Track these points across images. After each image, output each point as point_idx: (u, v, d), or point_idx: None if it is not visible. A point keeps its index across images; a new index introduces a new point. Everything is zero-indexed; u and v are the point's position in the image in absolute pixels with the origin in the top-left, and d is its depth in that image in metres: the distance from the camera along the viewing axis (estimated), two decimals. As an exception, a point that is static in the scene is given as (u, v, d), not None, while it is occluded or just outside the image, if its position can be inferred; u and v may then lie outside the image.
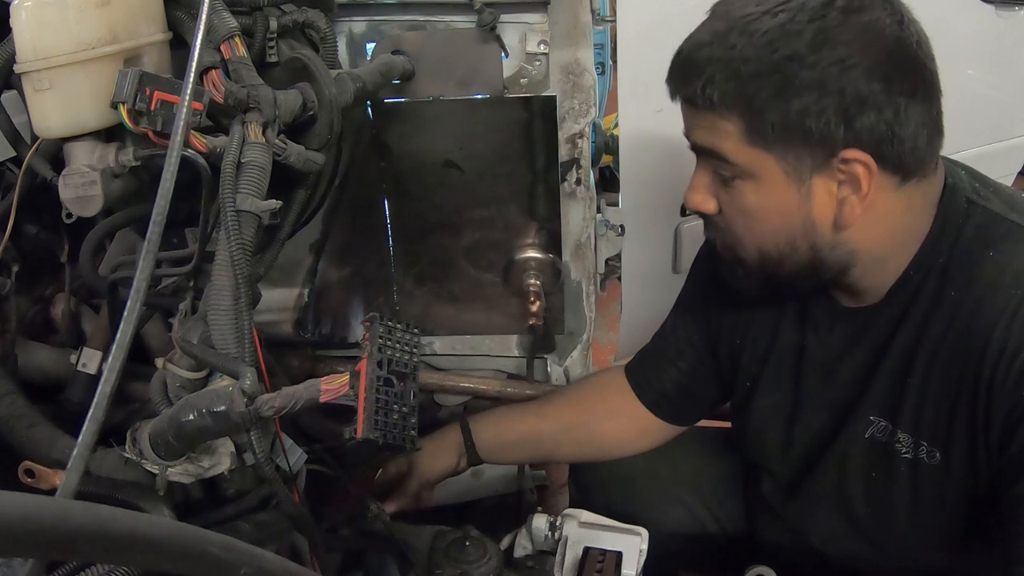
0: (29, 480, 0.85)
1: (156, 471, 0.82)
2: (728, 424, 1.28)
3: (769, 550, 1.16)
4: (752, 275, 0.96)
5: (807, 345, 1.04)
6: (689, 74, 0.87)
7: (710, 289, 1.14)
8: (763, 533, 1.18)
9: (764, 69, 0.82)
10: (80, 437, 0.68)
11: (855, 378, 0.99)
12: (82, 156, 0.87)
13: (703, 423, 1.49)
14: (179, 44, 0.94)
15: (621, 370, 1.27)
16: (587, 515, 0.99)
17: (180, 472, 0.83)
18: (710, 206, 0.94)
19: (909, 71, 0.83)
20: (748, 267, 0.96)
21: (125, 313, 0.72)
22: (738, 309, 1.11)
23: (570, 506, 1.02)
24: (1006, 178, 2.08)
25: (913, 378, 0.92)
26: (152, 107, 0.82)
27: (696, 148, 0.92)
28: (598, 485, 1.34)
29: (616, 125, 1.48)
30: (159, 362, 0.90)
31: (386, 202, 1.46)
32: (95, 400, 0.69)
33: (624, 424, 1.25)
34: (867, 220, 0.88)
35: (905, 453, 0.94)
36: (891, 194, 0.88)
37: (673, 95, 0.91)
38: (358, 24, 1.31)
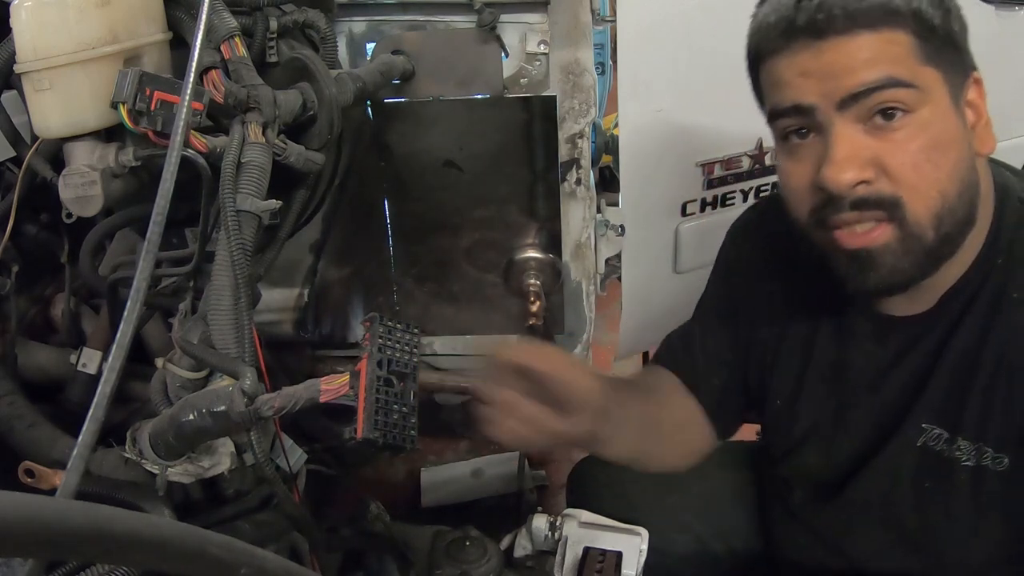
0: (29, 480, 0.85)
1: (156, 471, 0.83)
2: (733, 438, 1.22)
3: (790, 568, 1.11)
4: (928, 250, 0.81)
5: (849, 359, 0.97)
6: None
7: (740, 299, 1.07)
8: (785, 550, 1.12)
9: None
10: (80, 437, 0.68)
11: (905, 387, 0.93)
12: (82, 156, 0.87)
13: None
14: (179, 44, 0.94)
15: (672, 375, 1.10)
16: (587, 515, 0.99)
17: (180, 472, 0.83)
18: (869, 172, 0.79)
19: None
20: (925, 237, 0.80)
21: (125, 313, 0.72)
22: (770, 325, 1.03)
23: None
24: (1006, 178, 2.07)
25: (977, 383, 0.87)
26: (152, 107, 0.82)
27: (850, 97, 0.77)
28: (598, 509, 1.27)
29: (616, 125, 1.48)
30: (159, 362, 0.90)
31: (386, 202, 1.46)
32: (95, 400, 0.69)
33: (693, 435, 1.10)
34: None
35: (966, 461, 0.89)
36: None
37: (814, 33, 0.77)
38: (358, 24, 1.31)
